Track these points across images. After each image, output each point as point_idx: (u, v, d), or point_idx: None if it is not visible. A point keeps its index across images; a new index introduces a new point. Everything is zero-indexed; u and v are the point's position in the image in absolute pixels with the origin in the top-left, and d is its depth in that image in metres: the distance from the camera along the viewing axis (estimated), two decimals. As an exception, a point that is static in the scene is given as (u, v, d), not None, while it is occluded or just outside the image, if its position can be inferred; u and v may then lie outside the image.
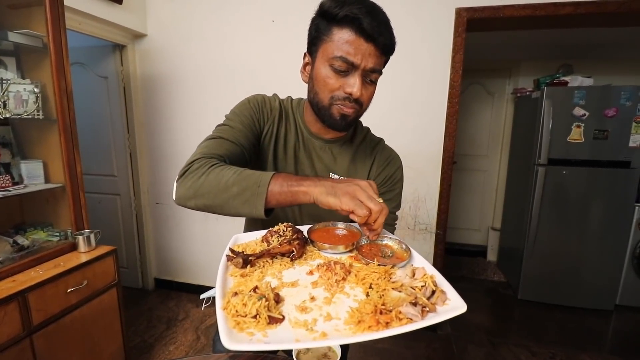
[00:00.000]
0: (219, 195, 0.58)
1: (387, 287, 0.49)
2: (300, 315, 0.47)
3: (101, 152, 2.43)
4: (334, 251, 0.64)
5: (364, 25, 0.59)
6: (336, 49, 0.63)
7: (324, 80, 0.66)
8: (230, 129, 0.71)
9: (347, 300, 0.50)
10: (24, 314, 1.16)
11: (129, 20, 2.11)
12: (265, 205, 0.56)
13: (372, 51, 0.62)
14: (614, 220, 2.36)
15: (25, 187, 1.40)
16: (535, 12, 1.75)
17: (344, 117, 0.68)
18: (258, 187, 0.56)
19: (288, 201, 0.57)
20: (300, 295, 0.51)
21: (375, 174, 0.82)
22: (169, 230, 2.55)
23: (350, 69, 0.64)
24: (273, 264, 0.60)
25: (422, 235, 2.12)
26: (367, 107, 0.71)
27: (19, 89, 1.35)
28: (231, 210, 0.59)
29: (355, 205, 0.52)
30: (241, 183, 0.57)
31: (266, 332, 0.42)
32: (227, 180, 0.58)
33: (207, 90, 2.26)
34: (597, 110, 2.25)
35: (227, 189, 0.57)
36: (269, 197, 0.56)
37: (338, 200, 0.53)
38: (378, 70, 0.65)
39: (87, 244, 1.47)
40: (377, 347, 2.04)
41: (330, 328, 0.44)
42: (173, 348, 1.97)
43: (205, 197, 0.59)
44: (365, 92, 0.66)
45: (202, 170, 0.60)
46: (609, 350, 2.06)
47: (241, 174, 0.58)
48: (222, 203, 0.58)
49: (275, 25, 2.08)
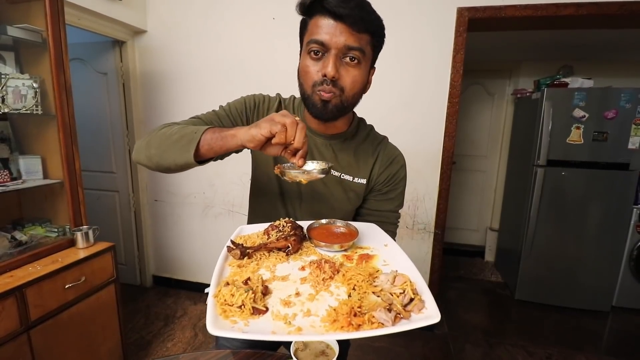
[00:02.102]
0: (162, 145, 0.64)
1: (368, 291, 0.51)
2: (282, 309, 0.49)
3: (100, 149, 2.42)
4: (329, 249, 0.66)
5: (329, 4, 0.61)
6: (310, 35, 0.65)
7: (304, 69, 0.68)
8: (212, 114, 0.76)
9: (329, 298, 0.52)
10: (22, 310, 1.16)
11: (128, 16, 2.10)
12: (198, 150, 0.60)
13: (342, 29, 0.62)
14: (611, 221, 2.36)
15: (23, 182, 1.40)
16: (537, 12, 1.75)
17: (325, 103, 0.67)
18: (194, 133, 0.61)
19: (218, 145, 0.60)
20: (288, 290, 0.54)
21: (378, 172, 0.82)
22: (168, 228, 2.55)
23: (324, 50, 0.64)
24: (269, 257, 0.63)
25: (420, 235, 2.12)
26: (353, 93, 0.69)
27: (18, 84, 1.34)
28: (168, 159, 0.63)
29: (270, 126, 0.55)
30: (181, 132, 0.63)
31: (248, 322, 0.46)
32: (172, 132, 0.64)
33: (206, 87, 2.26)
34: (597, 112, 2.25)
35: (169, 138, 0.63)
36: (201, 142, 0.60)
37: (258, 129, 0.56)
38: (355, 47, 0.64)
39: (86, 240, 1.47)
40: (374, 345, 2.04)
41: (307, 324, 0.46)
42: (171, 345, 1.98)
43: (152, 147, 0.65)
44: (345, 74, 0.66)
45: (159, 128, 0.68)
46: (605, 351, 2.07)
47: (185, 127, 0.64)
48: (163, 151, 0.63)
49: (276, 22, 2.07)
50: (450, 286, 2.85)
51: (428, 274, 2.14)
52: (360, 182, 0.81)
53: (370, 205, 0.84)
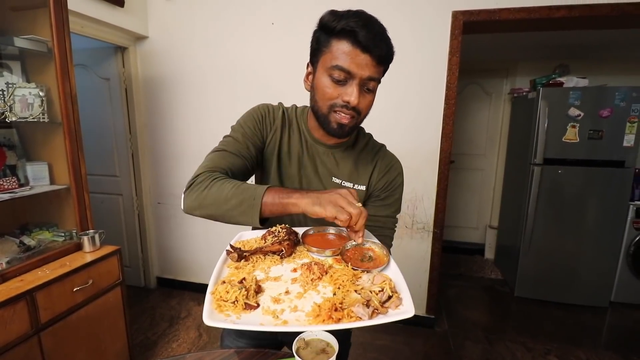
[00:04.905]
0: (220, 207, 0.64)
1: (350, 289, 0.57)
2: (272, 304, 0.55)
3: (103, 153, 2.46)
4: (321, 254, 0.70)
5: (360, 37, 0.63)
6: (334, 60, 0.66)
7: (323, 89, 0.70)
8: (233, 142, 0.76)
9: (316, 296, 0.57)
10: (32, 313, 1.19)
11: (130, 23, 2.13)
12: (260, 215, 0.62)
13: (368, 61, 0.65)
14: (608, 218, 2.40)
15: (31, 188, 1.43)
16: (530, 15, 1.78)
17: (341, 125, 0.71)
18: (253, 199, 0.62)
19: (280, 212, 0.63)
20: (279, 289, 0.59)
21: (376, 179, 0.84)
22: (171, 230, 2.58)
23: (348, 78, 0.67)
24: (265, 260, 0.68)
25: (419, 234, 2.16)
26: (365, 115, 0.74)
27: (25, 93, 1.37)
28: (231, 220, 0.65)
29: (337, 212, 0.58)
30: (238, 196, 0.63)
31: (240, 316, 0.51)
32: (226, 193, 0.64)
33: (207, 92, 2.29)
34: (592, 110, 2.28)
35: (226, 202, 0.63)
36: (263, 208, 0.62)
37: (323, 209, 0.59)
38: (375, 79, 0.68)
39: (92, 244, 1.51)
40: (376, 343, 2.08)
41: (293, 318, 0.51)
42: (176, 345, 2.01)
43: (208, 209, 0.66)
44: (363, 100, 0.69)
45: (205, 183, 0.66)
46: (604, 346, 2.10)
47: (239, 187, 0.64)
48: (223, 214, 0.65)
49: (275, 27, 2.10)
50: (450, 284, 2.88)
51: (427, 272, 2.18)
52: (360, 189, 0.84)
53: (368, 211, 0.85)
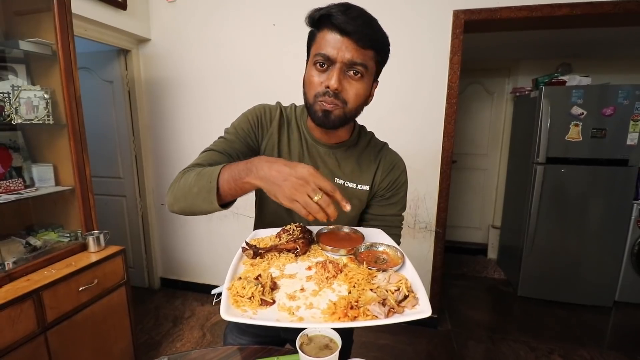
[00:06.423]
0: (187, 198, 0.64)
1: (366, 288, 0.57)
2: (288, 301, 0.55)
3: (107, 155, 2.48)
4: (335, 253, 0.70)
5: (336, 20, 0.63)
6: (318, 49, 0.67)
7: (309, 79, 0.70)
8: (223, 141, 0.76)
9: (331, 294, 0.57)
10: (39, 312, 1.21)
11: (133, 26, 2.15)
12: (220, 196, 0.60)
13: (348, 44, 0.64)
14: (612, 217, 2.38)
15: (36, 190, 1.45)
16: (532, 13, 1.78)
17: (326, 113, 0.69)
18: (209, 182, 0.60)
19: (239, 193, 0.61)
20: (294, 286, 0.60)
21: (380, 178, 0.84)
22: (174, 231, 2.60)
23: (329, 63, 0.67)
24: (279, 258, 0.69)
25: (422, 234, 2.16)
26: (356, 105, 0.71)
27: (30, 95, 1.39)
28: (197, 209, 0.64)
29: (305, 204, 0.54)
30: (198, 182, 0.62)
31: (256, 311, 0.52)
32: (190, 182, 0.63)
33: (209, 93, 2.31)
34: (595, 109, 2.27)
35: (190, 190, 0.63)
36: (221, 191, 0.60)
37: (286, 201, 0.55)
38: (360, 63, 0.66)
39: (97, 244, 1.52)
40: (378, 343, 2.08)
41: (308, 315, 0.51)
42: (180, 345, 2.03)
43: (180, 201, 0.65)
44: (348, 87, 0.68)
45: (177, 177, 0.67)
46: (608, 346, 2.09)
47: (199, 173, 0.63)
48: (191, 204, 0.64)
49: (276, 28, 2.11)
50: (453, 284, 2.88)
51: (430, 272, 2.18)
52: (364, 189, 0.83)
53: (374, 210, 0.86)
